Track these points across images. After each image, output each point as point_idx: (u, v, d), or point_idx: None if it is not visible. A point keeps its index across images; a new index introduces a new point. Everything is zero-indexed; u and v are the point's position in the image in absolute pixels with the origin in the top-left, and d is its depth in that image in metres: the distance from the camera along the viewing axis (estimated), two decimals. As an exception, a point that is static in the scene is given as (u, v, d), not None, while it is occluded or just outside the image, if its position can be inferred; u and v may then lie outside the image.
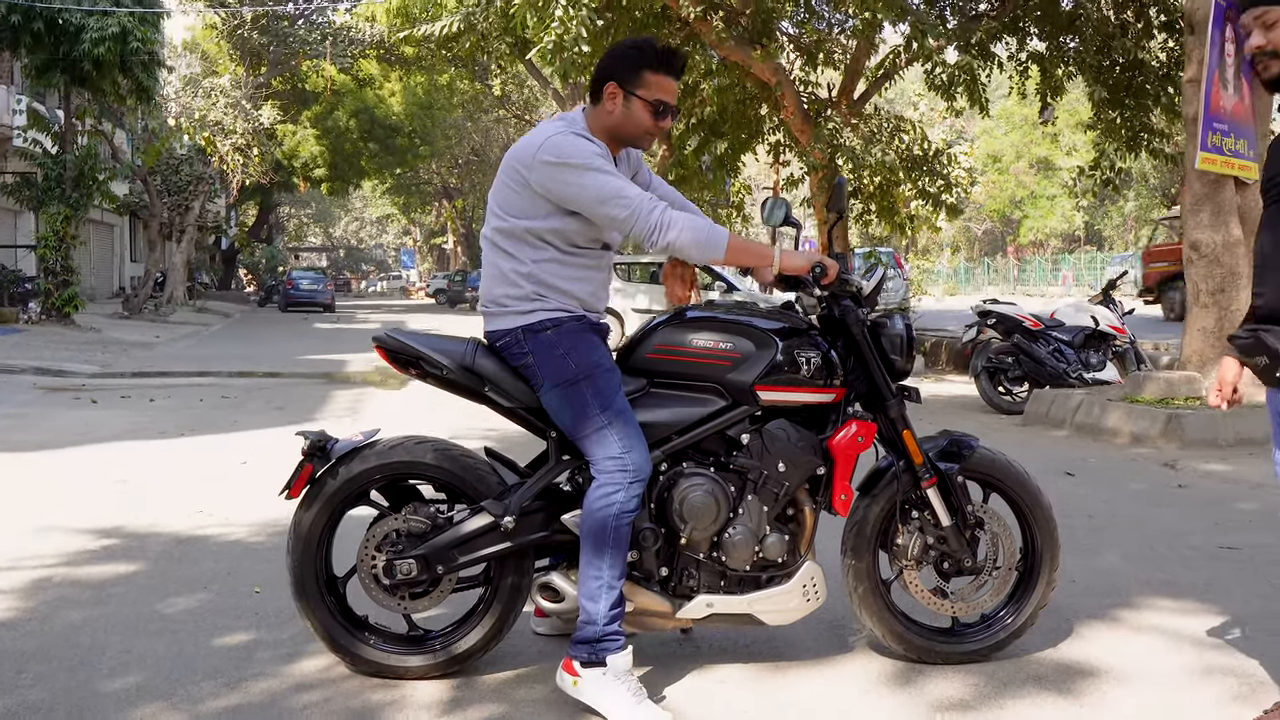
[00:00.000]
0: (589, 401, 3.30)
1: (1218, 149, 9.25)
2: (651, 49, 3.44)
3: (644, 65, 3.41)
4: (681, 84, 17.06)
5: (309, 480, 3.42)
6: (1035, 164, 45.41)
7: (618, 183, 3.27)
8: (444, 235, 73.77)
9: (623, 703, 3.15)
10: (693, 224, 3.28)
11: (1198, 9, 9.29)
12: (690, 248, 3.29)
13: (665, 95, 3.42)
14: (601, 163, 3.29)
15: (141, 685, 3.37)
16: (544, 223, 3.36)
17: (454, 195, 63.57)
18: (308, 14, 35.94)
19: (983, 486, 3.74)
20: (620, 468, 3.23)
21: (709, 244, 3.29)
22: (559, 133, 3.34)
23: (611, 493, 3.22)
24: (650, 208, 3.25)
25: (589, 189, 3.26)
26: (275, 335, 25.63)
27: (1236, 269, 9.32)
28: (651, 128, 3.45)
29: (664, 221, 3.25)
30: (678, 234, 3.25)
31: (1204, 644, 3.88)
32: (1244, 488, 6.81)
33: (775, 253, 3.43)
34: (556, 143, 3.30)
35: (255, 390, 12.60)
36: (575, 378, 3.32)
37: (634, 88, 3.40)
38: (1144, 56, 16.33)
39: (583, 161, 3.26)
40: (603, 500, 3.22)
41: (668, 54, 3.45)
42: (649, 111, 3.41)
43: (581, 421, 3.30)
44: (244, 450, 7.98)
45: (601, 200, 3.26)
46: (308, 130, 40.54)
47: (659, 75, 3.41)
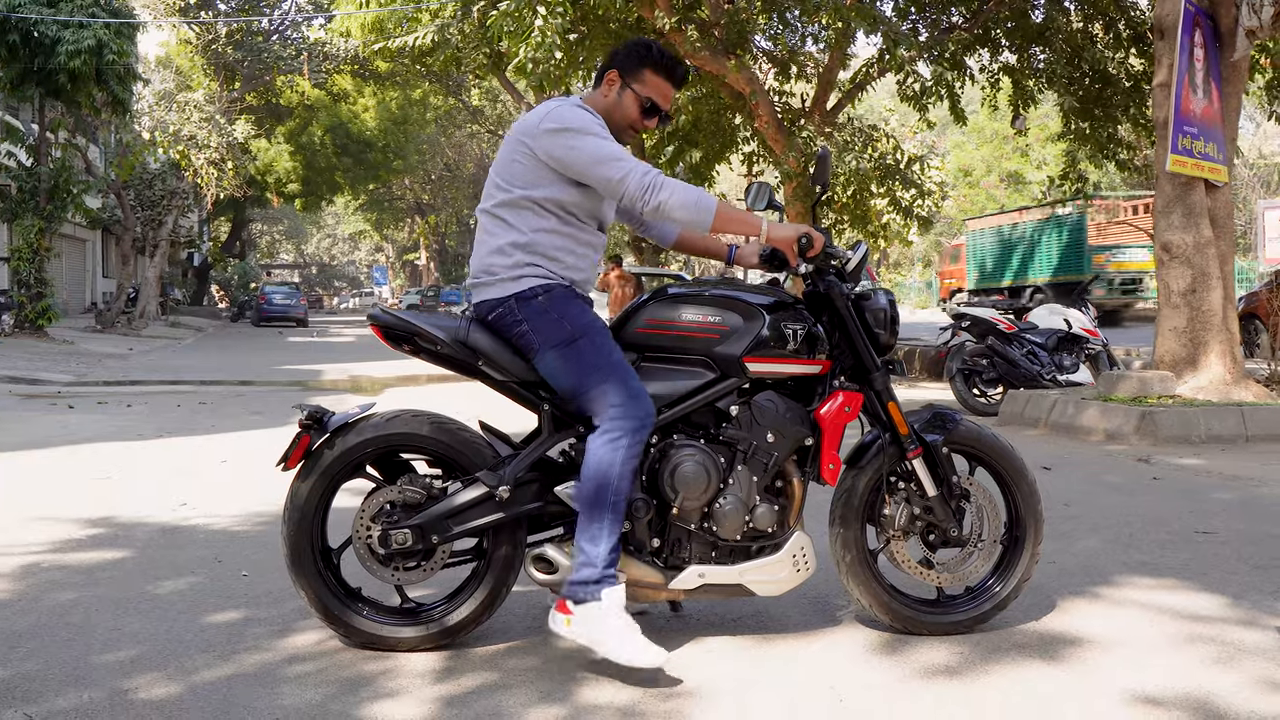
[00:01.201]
0: (587, 358, 3.37)
1: (1188, 151, 9.39)
2: (660, 51, 3.60)
3: (647, 63, 3.57)
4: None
5: (305, 451, 3.45)
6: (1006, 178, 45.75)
7: (614, 147, 3.41)
8: (416, 251, 73.76)
9: (617, 636, 3.21)
10: (684, 187, 3.37)
11: (1167, 14, 9.45)
12: (680, 210, 3.36)
13: (658, 96, 3.59)
14: (600, 130, 3.42)
15: (136, 658, 3.38)
16: (546, 191, 3.46)
17: (426, 211, 63.63)
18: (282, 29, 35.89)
19: (968, 460, 3.80)
20: (626, 415, 3.29)
21: (698, 208, 3.37)
22: (561, 104, 3.49)
23: (617, 438, 3.28)
24: (643, 170, 3.36)
25: (586, 150, 3.38)
26: (249, 348, 25.57)
27: (1207, 269, 9.46)
28: (636, 121, 3.60)
29: (656, 183, 3.34)
30: (669, 195, 3.34)
31: (1183, 616, 3.95)
32: (1217, 479, 6.91)
33: (763, 223, 3.50)
34: (560, 112, 3.44)
35: (232, 397, 12.58)
36: (571, 337, 3.39)
37: (632, 80, 3.57)
38: (1112, 70, 16.54)
39: (582, 126, 3.39)
40: (608, 446, 3.28)
41: (673, 61, 3.61)
42: (638, 106, 3.58)
43: (582, 379, 3.36)
44: (223, 451, 7.99)
45: (597, 161, 3.37)
46: (281, 145, 40.49)
47: (658, 77, 3.58)
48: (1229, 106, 9.97)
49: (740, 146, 18.90)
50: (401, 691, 3.14)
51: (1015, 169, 44.28)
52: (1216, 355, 9.47)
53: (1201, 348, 9.50)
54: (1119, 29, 16.31)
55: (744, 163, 19.40)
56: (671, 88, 3.61)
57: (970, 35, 16.47)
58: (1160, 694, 3.17)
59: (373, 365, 18.81)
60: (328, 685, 3.18)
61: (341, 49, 32.49)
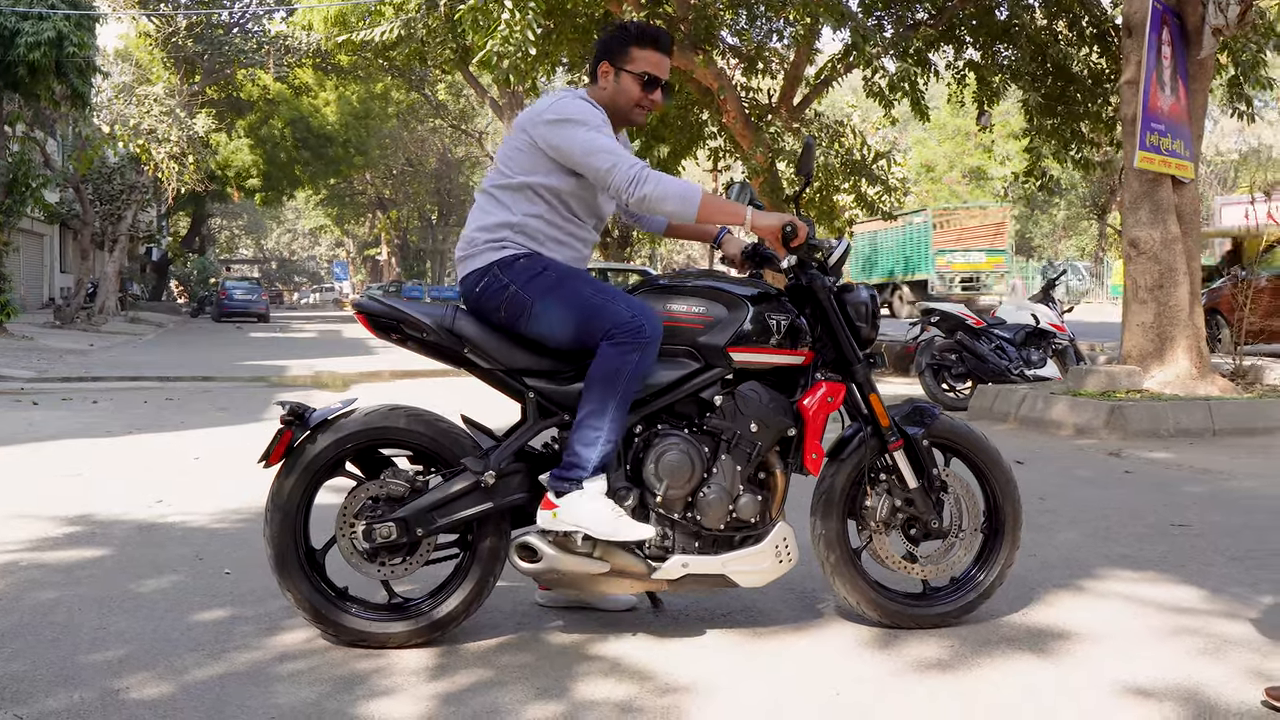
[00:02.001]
0: (583, 292, 3.46)
1: (1155, 148, 9.49)
2: (637, 26, 3.70)
3: (630, 42, 3.65)
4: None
5: (287, 448, 3.42)
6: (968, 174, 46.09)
7: (606, 140, 3.47)
8: (378, 247, 73.34)
9: (603, 515, 3.31)
10: (670, 181, 3.45)
11: (1135, 12, 9.53)
12: (664, 202, 3.43)
13: (652, 69, 3.65)
14: (598, 122, 3.50)
15: (124, 658, 3.34)
16: (544, 178, 3.54)
17: (388, 206, 63.28)
18: (243, 22, 35.56)
19: (944, 451, 3.84)
20: (636, 326, 3.36)
21: (683, 199, 3.44)
22: (564, 96, 3.56)
23: (629, 350, 3.35)
24: (631, 163, 3.42)
25: (579, 140, 3.45)
26: (211, 343, 25.34)
27: (1174, 265, 9.56)
28: (640, 98, 3.66)
29: (641, 176, 3.41)
30: (653, 188, 3.40)
31: (1166, 608, 4.00)
32: (1188, 473, 6.99)
33: (747, 212, 3.54)
34: (562, 104, 3.52)
35: (197, 393, 12.46)
36: (560, 281, 3.49)
37: (623, 64, 3.64)
38: (1075, 67, 16.67)
39: (580, 118, 3.48)
40: (618, 354, 3.35)
41: (653, 31, 3.69)
42: (637, 84, 3.64)
43: (583, 313, 3.43)
44: (193, 448, 7.91)
45: (588, 152, 3.44)
46: (242, 139, 40.14)
47: (645, 50, 3.64)
48: (1195, 104, 10.08)
49: (707, 142, 18.89)
50: (396, 689, 3.13)
51: (977, 165, 44.62)
52: (1183, 350, 9.57)
53: (1168, 343, 9.60)
54: (1082, 26, 16.44)
55: (710, 158, 19.40)
56: (661, 56, 3.67)
57: (935, 32, 16.55)
58: (1150, 685, 3.20)
59: (337, 361, 18.69)
60: (321, 683, 3.16)
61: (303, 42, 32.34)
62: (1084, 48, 16.73)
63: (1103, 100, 16.68)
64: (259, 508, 5.55)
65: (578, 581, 3.47)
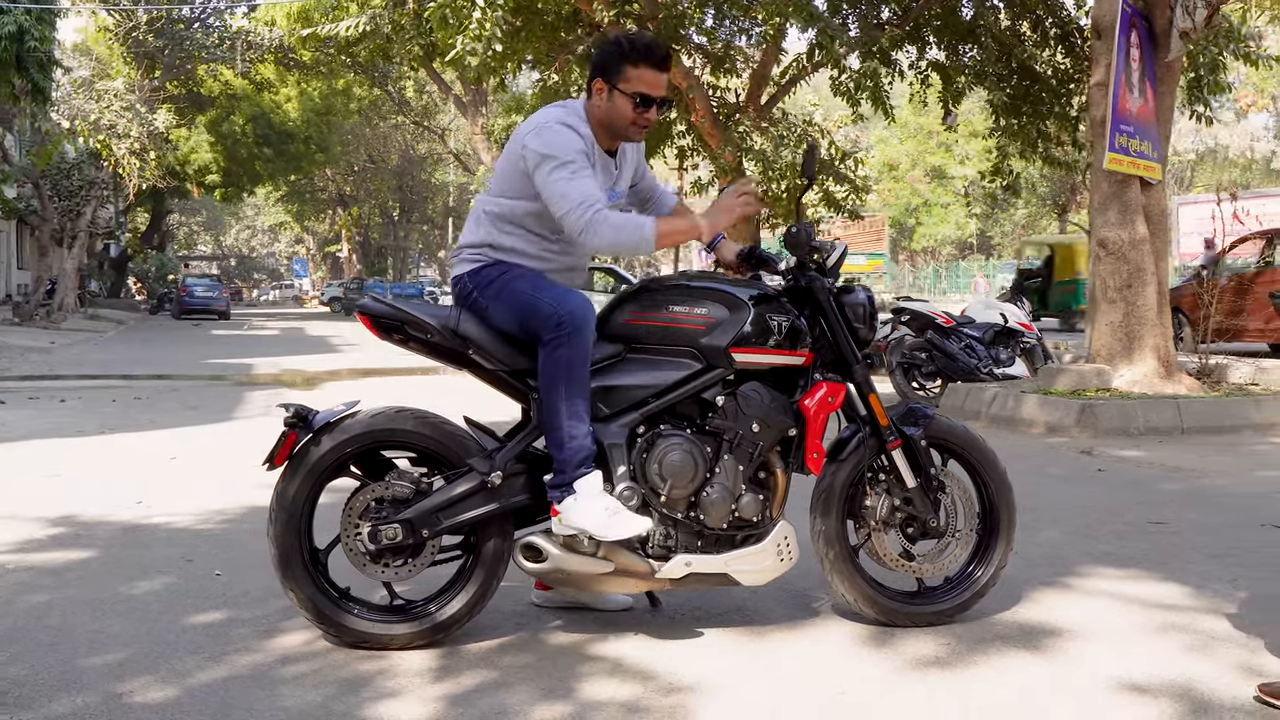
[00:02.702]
0: (521, 291, 3.50)
1: (1124, 150, 9.60)
2: (631, 44, 3.59)
3: (624, 59, 3.56)
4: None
5: (291, 450, 3.42)
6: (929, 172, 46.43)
7: (570, 185, 3.42)
8: (338, 243, 72.85)
9: (598, 516, 3.35)
10: (619, 222, 3.43)
11: (1105, 15, 9.64)
12: (615, 248, 3.48)
13: (646, 88, 3.56)
14: (573, 158, 3.44)
15: (124, 661, 3.33)
16: (531, 204, 3.57)
17: (349, 203, 62.88)
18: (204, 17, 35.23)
19: (940, 452, 3.88)
20: (556, 321, 3.38)
21: (636, 241, 3.46)
22: (550, 124, 3.52)
23: (555, 348, 3.39)
24: (583, 211, 3.39)
25: (548, 182, 3.45)
26: (174, 341, 25.12)
27: (1142, 265, 9.67)
28: (635, 118, 3.59)
29: (591, 223, 3.39)
30: (597, 240, 3.42)
31: (1152, 605, 4.06)
32: (1160, 470, 7.09)
33: (701, 224, 3.60)
34: (546, 135, 3.49)
35: (166, 392, 12.36)
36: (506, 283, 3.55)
37: (616, 82, 3.56)
38: (1040, 68, 16.82)
39: (555, 153, 3.44)
40: (547, 355, 3.40)
41: (648, 47, 3.59)
42: (630, 104, 3.56)
43: (522, 312, 3.48)
44: (167, 447, 7.85)
45: (550, 197, 3.45)
46: (202, 135, 39.77)
47: (639, 69, 3.55)
48: (1163, 106, 10.20)
49: (674, 140, 18.92)
50: (402, 691, 3.13)
51: (939, 163, 44.95)
52: (1150, 349, 9.70)
53: (1136, 342, 9.72)
54: (1046, 27, 16.60)
55: (677, 157, 19.43)
56: (656, 73, 3.58)
57: (901, 32, 16.66)
58: (1146, 682, 3.26)
59: (302, 359, 18.61)
60: (326, 686, 3.16)
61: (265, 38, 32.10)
62: (1047, 48, 16.90)
63: (1067, 100, 16.87)
64: (242, 508, 5.60)
65: (582, 581, 3.49)
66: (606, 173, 3.66)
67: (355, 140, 50.83)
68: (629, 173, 3.84)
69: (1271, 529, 5.36)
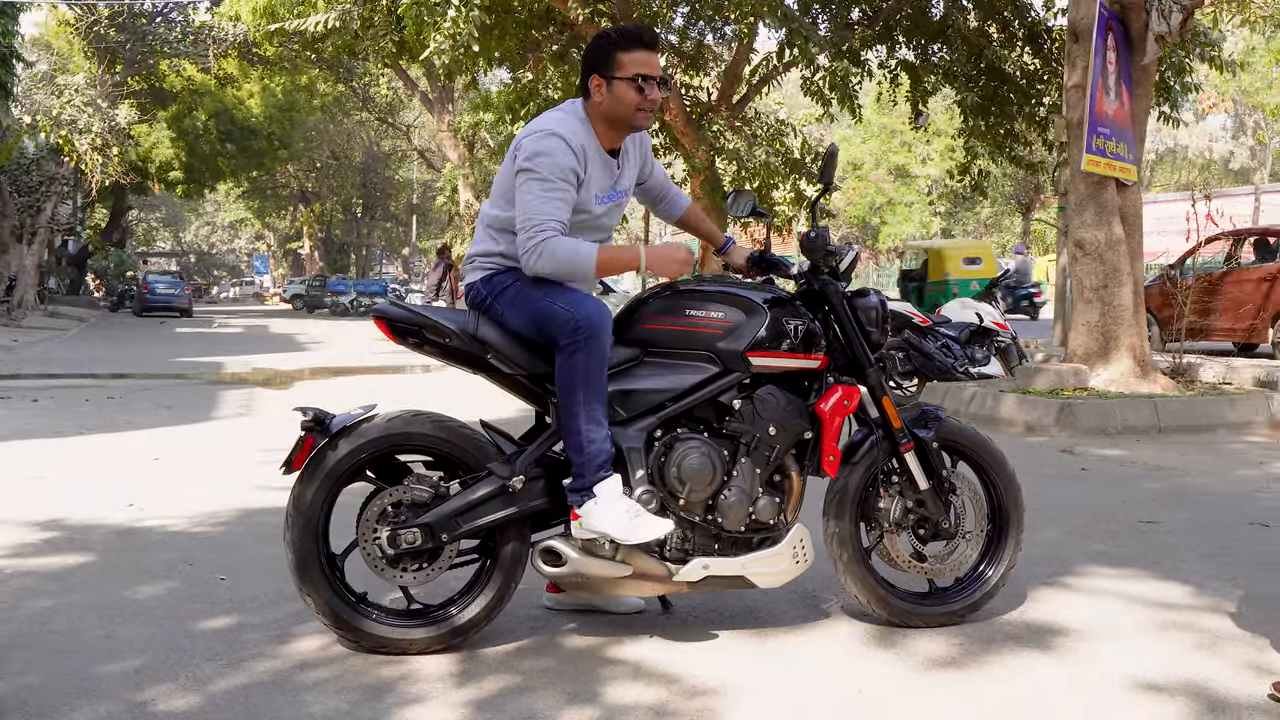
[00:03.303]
0: (536, 298, 3.48)
1: (1101, 151, 9.70)
2: (616, 32, 3.60)
3: (614, 47, 3.55)
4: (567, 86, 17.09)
5: (309, 454, 3.40)
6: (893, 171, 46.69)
7: (536, 202, 3.41)
8: (299, 240, 72.31)
9: (619, 520, 3.36)
10: (561, 250, 3.41)
11: (1082, 18, 9.74)
12: (558, 273, 3.45)
13: (642, 68, 3.54)
14: (552, 176, 3.43)
15: (141, 669, 3.29)
16: None
17: (311, 199, 62.41)
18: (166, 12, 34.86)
19: (949, 454, 3.91)
20: (573, 327, 3.37)
21: (576, 271, 3.47)
22: (544, 130, 3.50)
23: (572, 353, 3.37)
24: (533, 236, 3.39)
25: (521, 192, 3.46)
26: (138, 339, 24.84)
27: (1118, 266, 9.78)
28: (639, 102, 3.56)
29: (534, 252, 3.39)
30: (540, 263, 3.41)
31: (1154, 604, 4.11)
32: (1142, 469, 7.17)
33: (640, 254, 3.57)
34: (533, 145, 3.47)
35: (138, 391, 12.22)
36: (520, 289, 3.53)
37: (612, 72, 3.53)
38: (1008, 68, 16.97)
39: (534, 168, 3.44)
40: (564, 360, 3.39)
41: (635, 30, 3.59)
42: (632, 88, 3.53)
43: (536, 319, 3.47)
44: (149, 448, 7.78)
45: (518, 206, 3.46)
46: (164, 131, 39.36)
47: (630, 52, 3.54)
48: (1138, 108, 10.32)
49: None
50: (427, 696, 3.12)
51: (903, 163, 45.21)
52: (1127, 349, 9.81)
53: (1113, 342, 9.83)
54: (1014, 29, 16.75)
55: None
56: (648, 52, 3.56)
57: (871, 32, 16.76)
58: (1160, 681, 3.30)
59: (272, 358, 18.47)
60: (349, 691, 3.14)
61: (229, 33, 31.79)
62: (1016, 49, 17.05)
63: (1035, 101, 17.03)
64: (235, 511, 5.56)
65: (601, 585, 3.49)
66: (607, 173, 3.65)
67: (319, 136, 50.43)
68: (632, 171, 3.82)
69: (1260, 527, 5.43)
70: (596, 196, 3.61)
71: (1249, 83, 26.44)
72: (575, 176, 3.48)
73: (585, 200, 3.56)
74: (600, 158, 3.61)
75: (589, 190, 3.56)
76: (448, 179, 33.49)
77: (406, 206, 61.77)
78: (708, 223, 4.17)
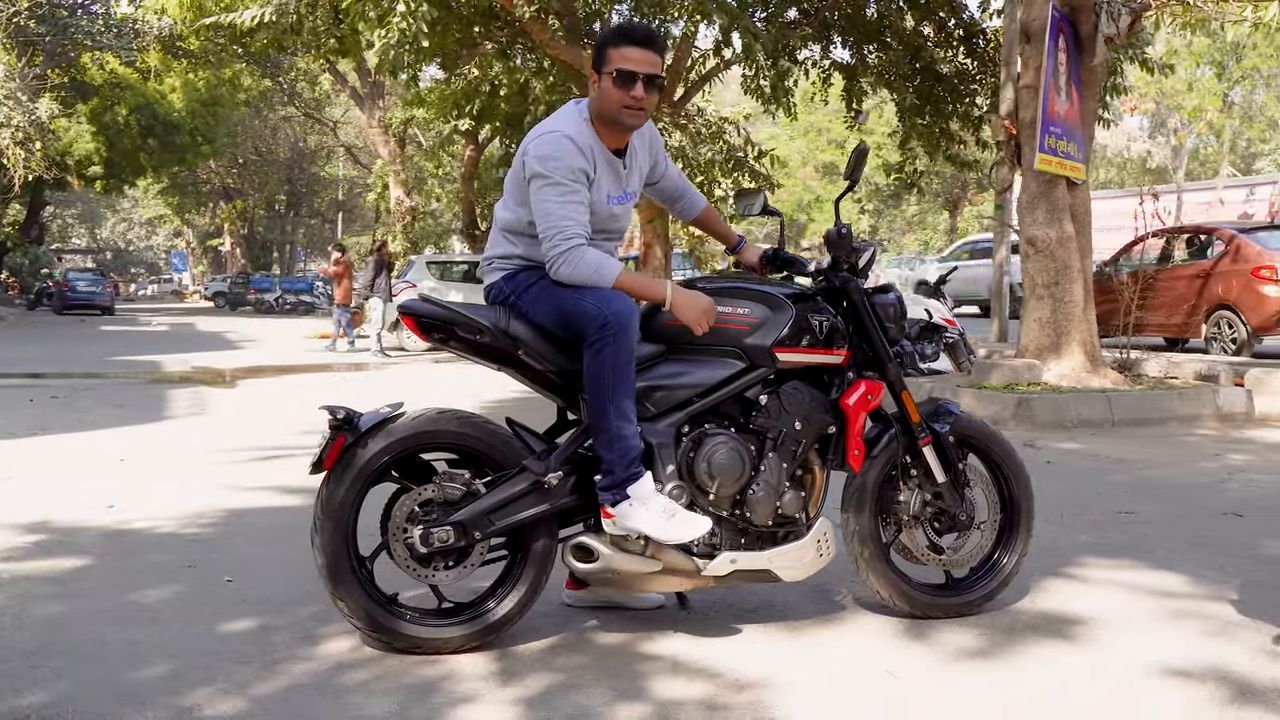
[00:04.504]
0: (562, 293, 3.46)
1: (1053, 151, 9.90)
2: (612, 30, 3.61)
3: (606, 45, 3.56)
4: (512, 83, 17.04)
5: (339, 453, 3.36)
6: (821, 169, 47.11)
7: (556, 207, 3.42)
8: (220, 237, 71.16)
9: (657, 520, 3.37)
10: (587, 263, 3.41)
11: (1034, 19, 9.92)
12: (581, 284, 3.43)
13: (626, 64, 3.49)
14: (565, 179, 3.43)
15: (176, 674, 3.23)
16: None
17: (233, 196, 61.43)
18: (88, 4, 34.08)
19: (961, 447, 3.98)
20: (601, 321, 3.35)
21: (597, 281, 3.44)
22: (552, 132, 3.50)
23: (600, 348, 3.35)
24: (558, 245, 3.40)
25: (537, 198, 3.45)
26: (65, 337, 24.26)
27: (1069, 263, 9.97)
28: (623, 98, 3.51)
29: (568, 257, 3.39)
30: (573, 273, 3.41)
31: (1157, 593, 4.22)
32: (1105, 463, 7.33)
33: (667, 291, 3.55)
34: (541, 147, 3.47)
35: (82, 391, 11.94)
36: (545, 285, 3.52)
37: (602, 69, 3.54)
38: (943, 69, 17.21)
39: (546, 172, 3.43)
40: (592, 356, 3.36)
41: (625, 26, 3.63)
42: (614, 84, 3.50)
43: (563, 315, 3.46)
44: (108, 448, 7.63)
45: (536, 212, 3.46)
46: (84, 125, 38.44)
47: (619, 48, 3.52)
48: (1087, 109, 10.54)
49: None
50: (476, 696, 3.11)
51: (830, 160, 45.63)
52: (1077, 344, 10.01)
53: (1064, 337, 10.02)
54: (949, 29, 16.99)
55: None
56: (635, 48, 3.51)
57: (810, 31, 16.88)
58: (1186, 667, 3.39)
59: (209, 356, 18.19)
60: (394, 693, 3.12)
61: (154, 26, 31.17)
62: (950, 49, 17.30)
63: (970, 100, 17.31)
64: (219, 511, 5.51)
65: (631, 581, 3.51)
66: (613, 175, 3.64)
67: (243, 132, 49.64)
68: (640, 172, 3.81)
69: (1234, 518, 5.59)
70: (608, 197, 3.61)
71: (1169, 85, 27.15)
72: (586, 176, 3.48)
73: (597, 201, 3.56)
74: (606, 158, 3.60)
75: (600, 190, 3.57)
76: (378, 175, 33.09)
77: (332, 203, 61.03)
78: (721, 223, 4.20)
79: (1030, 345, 10.21)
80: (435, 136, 30.11)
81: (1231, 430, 9.01)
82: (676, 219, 4.31)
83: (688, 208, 4.11)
